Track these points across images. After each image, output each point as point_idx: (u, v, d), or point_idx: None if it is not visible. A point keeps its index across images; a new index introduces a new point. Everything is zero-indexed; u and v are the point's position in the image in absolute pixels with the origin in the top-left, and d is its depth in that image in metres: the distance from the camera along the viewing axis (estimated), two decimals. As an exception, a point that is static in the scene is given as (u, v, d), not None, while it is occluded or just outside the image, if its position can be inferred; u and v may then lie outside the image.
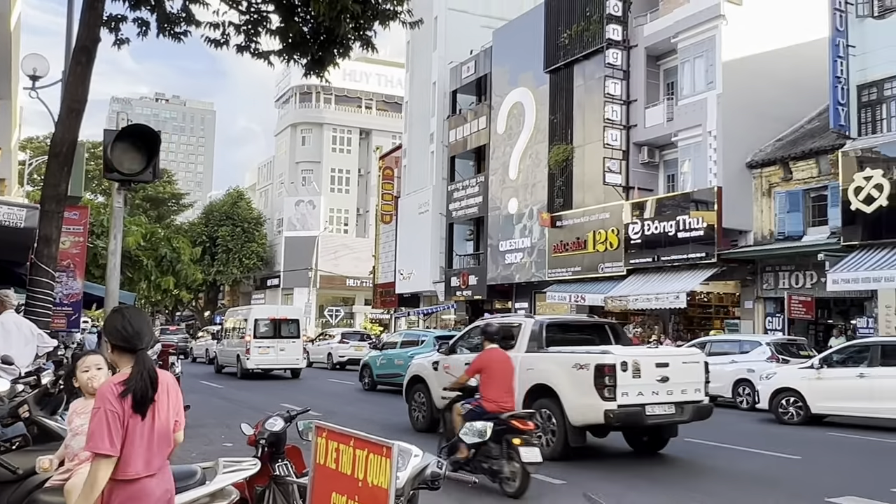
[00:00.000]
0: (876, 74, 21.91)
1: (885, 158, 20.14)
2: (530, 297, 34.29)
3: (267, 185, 76.91)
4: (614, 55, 29.06)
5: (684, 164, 27.12)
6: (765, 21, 25.97)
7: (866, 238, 20.35)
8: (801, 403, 15.47)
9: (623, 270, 27.95)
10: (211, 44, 10.93)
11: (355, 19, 10.31)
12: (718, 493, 8.85)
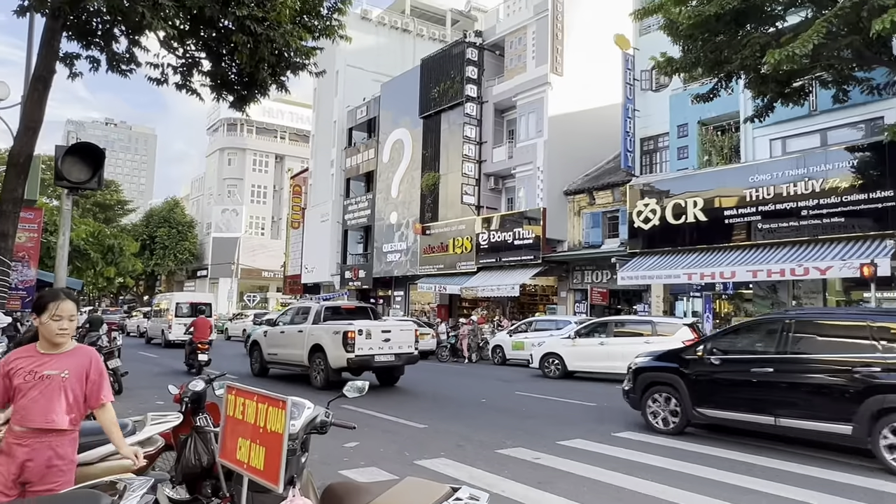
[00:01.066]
0: (652, 131, 23.51)
1: (657, 191, 21.44)
2: (405, 287, 34.53)
3: (199, 196, 73.65)
4: (471, 108, 29.81)
5: (520, 191, 28.07)
6: (579, 89, 27.37)
7: (644, 247, 21.45)
8: (561, 364, 16.61)
9: (474, 268, 28.64)
10: (152, 81, 10.57)
11: (272, 67, 10.22)
12: (481, 416, 9.40)
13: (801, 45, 10.67)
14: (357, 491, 2.78)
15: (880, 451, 6.72)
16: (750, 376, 8.00)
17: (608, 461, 7.05)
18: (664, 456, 7.36)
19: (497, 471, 6.55)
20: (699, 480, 6.30)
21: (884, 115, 16.73)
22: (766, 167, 18.67)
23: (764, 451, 7.68)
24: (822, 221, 17.21)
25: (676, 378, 8.77)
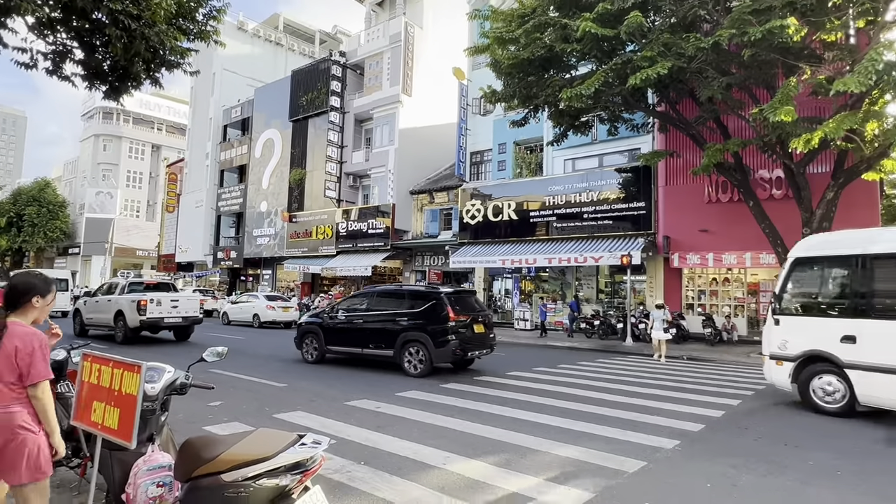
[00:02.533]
0: (480, 147, 24.49)
1: (482, 195, 22.42)
2: (273, 267, 32.95)
3: (72, 178, 64.00)
4: (334, 116, 28.99)
5: (374, 188, 27.91)
6: (425, 108, 27.74)
7: (471, 238, 22.33)
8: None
9: (334, 251, 28.04)
10: (20, 65, 8.97)
11: (147, 63, 9.12)
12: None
13: (585, 88, 11.70)
14: (213, 443, 2.64)
15: (403, 363, 10.13)
16: (352, 325, 11.02)
17: (436, 407, 7.30)
18: (480, 401, 7.78)
19: (345, 419, 6.52)
20: (499, 418, 6.75)
21: (641, 146, 18.88)
22: (561, 180, 20.29)
23: (548, 395, 8.41)
24: (597, 223, 19.08)
25: (318, 328, 11.46)
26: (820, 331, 7.56)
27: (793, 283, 8.01)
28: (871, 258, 7.19)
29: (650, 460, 5.13)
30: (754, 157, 15.34)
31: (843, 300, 7.52)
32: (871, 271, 7.17)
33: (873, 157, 11.82)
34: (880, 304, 7.09)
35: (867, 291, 7.17)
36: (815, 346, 7.52)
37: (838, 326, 7.35)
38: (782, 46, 10.70)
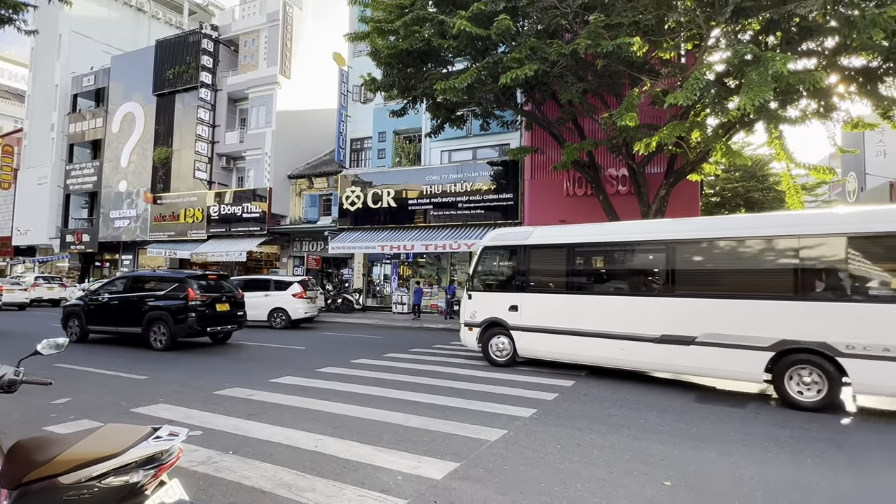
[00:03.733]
0: (360, 134, 24.06)
1: (362, 181, 22.12)
2: (134, 252, 29.74)
3: None
4: (205, 93, 26.72)
5: (250, 171, 26.29)
6: (304, 92, 26.62)
7: (351, 224, 21.91)
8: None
9: (205, 236, 26.02)
10: None
11: (-33, 16, 7.71)
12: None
13: (460, 83, 11.96)
14: (49, 443, 2.32)
15: (150, 339, 11.12)
16: (109, 306, 11.76)
17: (311, 391, 7.13)
18: (356, 383, 7.74)
19: (213, 409, 6.13)
20: (374, 399, 6.78)
21: (510, 142, 19.82)
22: (438, 170, 20.65)
23: (422, 375, 8.61)
24: (470, 212, 19.75)
25: (80, 310, 12.07)
26: (497, 303, 9.40)
27: (481, 266, 9.88)
28: (527, 248, 9.23)
29: (510, 428, 5.48)
30: (605, 156, 16.82)
31: (511, 279, 9.49)
32: (527, 258, 9.22)
33: (696, 161, 13.54)
34: (533, 282, 9.18)
35: (525, 273, 9.24)
36: (494, 314, 9.43)
37: (507, 299, 9.30)
38: (629, 60, 11.81)
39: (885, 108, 11.79)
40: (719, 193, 26.64)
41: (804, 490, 4.07)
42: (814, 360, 6.54)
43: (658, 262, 8.06)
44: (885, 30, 9.19)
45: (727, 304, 7.22)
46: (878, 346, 6.13)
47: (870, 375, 6.19)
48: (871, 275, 6.44)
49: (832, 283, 6.68)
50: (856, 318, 6.33)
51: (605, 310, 8.30)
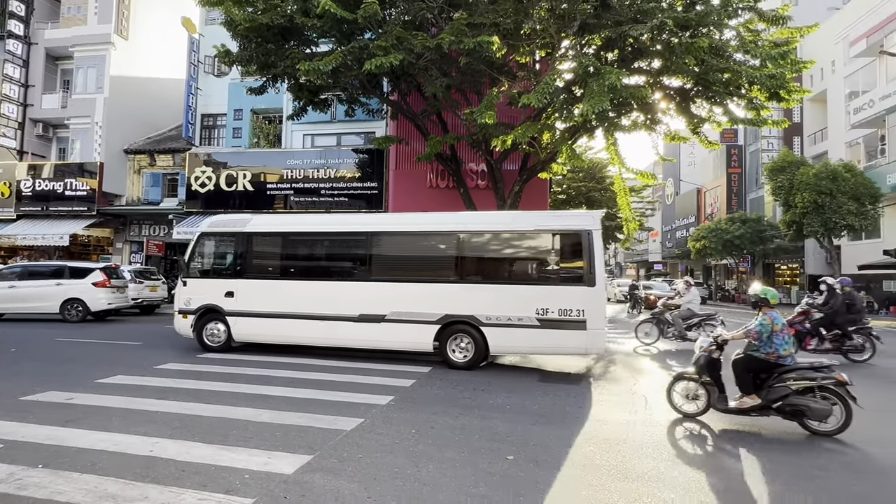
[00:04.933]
0: (213, 110, 22.14)
1: (214, 161, 20.37)
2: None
3: None
4: (15, 45, 22.45)
5: (76, 142, 22.76)
6: (146, 56, 23.72)
7: (201, 208, 20.16)
8: None
9: (13, 215, 22.00)
10: None
11: None
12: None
13: (324, 65, 11.56)
14: None
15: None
16: None
17: (147, 391, 6.44)
18: (199, 379, 7.15)
19: (20, 418, 5.24)
20: (219, 395, 6.34)
21: (376, 131, 19.69)
22: (300, 155, 19.80)
23: (277, 367, 8.24)
24: (334, 199, 19.27)
25: None
26: (213, 289, 9.46)
27: (198, 253, 9.84)
28: (245, 235, 9.47)
29: (366, 416, 5.48)
30: (466, 151, 17.48)
31: (228, 266, 9.70)
32: (244, 245, 9.47)
33: (546, 161, 14.68)
34: (249, 268, 9.40)
35: (242, 259, 9.45)
36: (210, 301, 9.44)
37: (224, 286, 9.41)
38: (489, 60, 12.37)
39: (695, 125, 13.81)
40: (565, 192, 29.20)
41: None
42: (466, 329, 8.26)
43: (357, 251, 9.13)
44: (696, 57, 10.75)
45: (408, 287, 8.65)
46: (505, 316, 8.09)
47: (500, 339, 8.13)
48: (497, 263, 8.64)
49: (475, 270, 8.57)
50: (491, 297, 8.23)
51: (315, 294, 8.93)
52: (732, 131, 32.89)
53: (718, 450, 4.86)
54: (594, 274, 7.92)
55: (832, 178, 20.68)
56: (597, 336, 7.87)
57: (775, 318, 5.41)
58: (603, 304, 8.15)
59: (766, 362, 5.41)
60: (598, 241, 8.04)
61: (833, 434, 5.18)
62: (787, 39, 12.50)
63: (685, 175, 45.96)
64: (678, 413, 5.80)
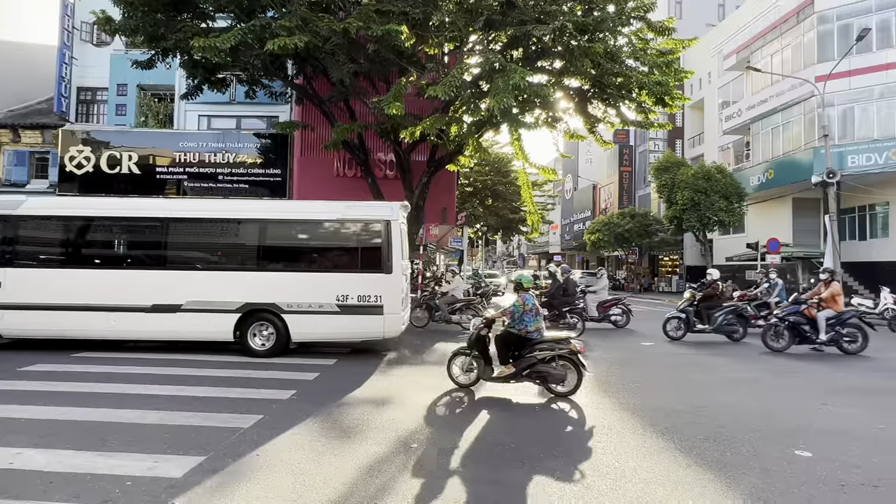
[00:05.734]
0: (91, 83, 19.92)
1: (94, 140, 18.35)
2: None
3: None
4: None
5: (-85, 111, 19.53)
6: (10, 20, 20.81)
7: (78, 191, 18.06)
8: None
9: None
10: None
11: None
12: None
13: (222, 42, 10.81)
14: None
15: None
16: None
17: (7, 396, 5.71)
18: (74, 381, 6.45)
19: None
20: (98, 396, 5.78)
21: (280, 115, 18.81)
22: (194, 137, 18.44)
23: (168, 364, 7.67)
24: (233, 186, 18.19)
25: None
26: None
27: None
28: (16, 218, 8.54)
29: (267, 413, 5.26)
30: (374, 140, 17.23)
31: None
32: (15, 229, 8.55)
33: (453, 153, 14.87)
34: (21, 255, 8.56)
35: (11, 245, 8.51)
36: None
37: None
38: (398, 49, 12.24)
39: (591, 125, 14.66)
40: (472, 184, 29.82)
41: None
42: (268, 317, 8.20)
43: (150, 238, 8.78)
44: (593, 61, 11.39)
45: (206, 276, 8.51)
46: (306, 304, 8.15)
47: (302, 326, 8.18)
48: (299, 251, 8.73)
49: (277, 258, 8.62)
50: (292, 284, 8.28)
51: (100, 283, 8.38)
52: (624, 132, 35.32)
53: (471, 411, 5.29)
54: (392, 262, 8.23)
55: (707, 179, 22.93)
56: (393, 320, 8.24)
57: (526, 299, 6.26)
58: (399, 291, 8.42)
59: (519, 337, 6.23)
60: (396, 230, 8.38)
61: (568, 394, 6.11)
62: (671, 50, 13.60)
63: (583, 172, 48.72)
64: (455, 384, 6.40)
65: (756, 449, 4.51)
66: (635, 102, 13.66)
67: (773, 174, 23.33)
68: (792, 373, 8.06)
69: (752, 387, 7.01)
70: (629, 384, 7.00)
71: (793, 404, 6.15)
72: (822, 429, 5.14)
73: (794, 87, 21.69)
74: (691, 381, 7.44)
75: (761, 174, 24.15)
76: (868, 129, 20.44)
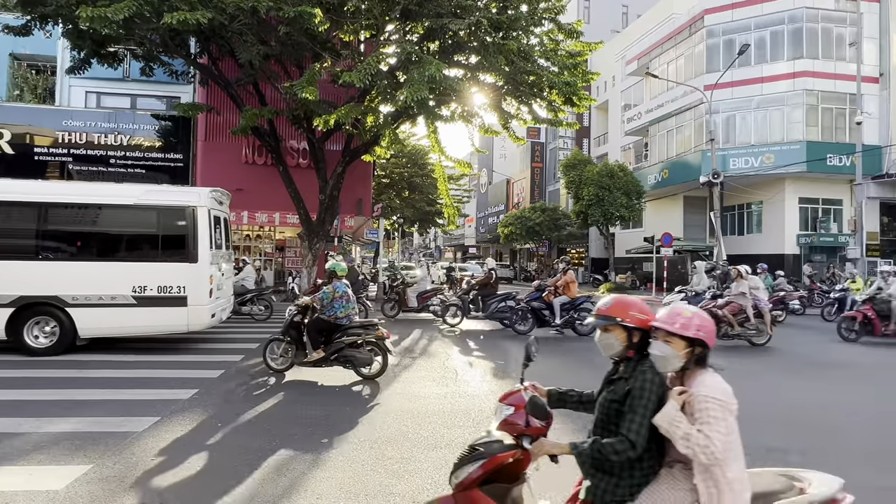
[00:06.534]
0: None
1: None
2: None
3: None
4: None
5: None
6: None
7: (-67, 171, 15.99)
8: None
9: None
10: None
11: None
12: None
13: (114, 13, 9.86)
14: None
15: None
16: None
17: None
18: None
19: None
20: (-33, 404, 5.11)
21: (181, 96, 17.52)
22: (81, 115, 16.74)
23: (50, 367, 6.93)
24: (127, 171, 16.75)
25: None
26: None
27: None
28: None
29: (164, 414, 4.91)
30: (286, 127, 16.57)
31: None
32: None
33: (369, 143, 14.65)
34: None
35: None
36: None
37: None
38: (311, 33, 11.81)
39: (505, 120, 15.05)
40: (389, 176, 29.60)
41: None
42: (50, 311, 7.41)
43: None
44: (506, 58, 11.67)
45: None
46: (96, 296, 7.48)
47: (91, 320, 7.48)
48: (90, 238, 7.85)
49: (63, 246, 7.76)
50: (80, 275, 7.53)
51: None
52: (536, 129, 36.68)
53: (271, 393, 5.51)
54: (197, 250, 7.76)
55: (610, 176, 24.40)
56: (199, 313, 7.76)
57: (337, 286, 6.50)
58: (206, 281, 7.84)
59: (329, 323, 6.45)
60: (203, 217, 7.88)
61: (375, 377, 6.44)
62: (580, 52, 14.27)
63: (497, 166, 50.01)
64: (270, 369, 6.60)
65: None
66: (546, 101, 14.20)
67: (668, 174, 25.30)
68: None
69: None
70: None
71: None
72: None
73: (686, 94, 23.60)
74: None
75: (657, 173, 26.10)
76: (747, 136, 22.73)
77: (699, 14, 23.51)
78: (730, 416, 1.83)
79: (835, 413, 5.58)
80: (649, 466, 1.96)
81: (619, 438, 1.89)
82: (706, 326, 1.94)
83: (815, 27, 21.73)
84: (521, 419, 2.05)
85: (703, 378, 1.91)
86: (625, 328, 2.03)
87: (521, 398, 2.10)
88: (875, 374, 7.73)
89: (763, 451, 4.03)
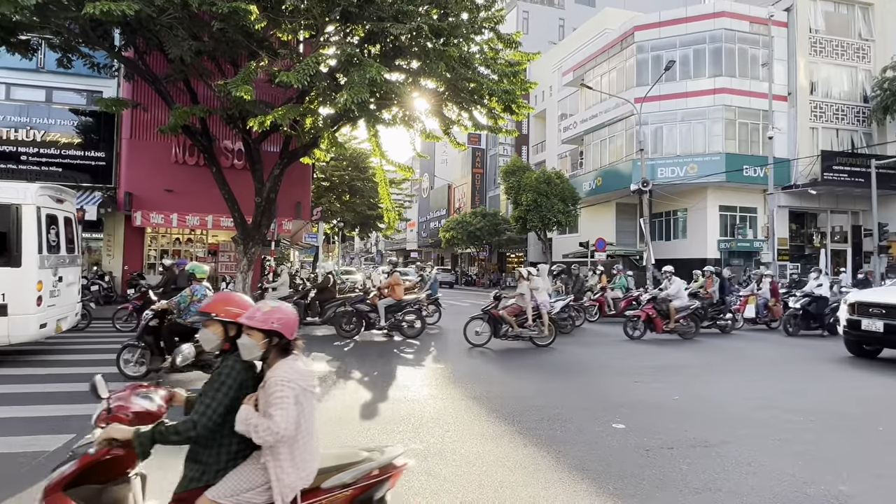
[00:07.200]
0: None
1: None
2: None
3: None
4: None
5: None
6: None
7: None
8: None
9: None
10: None
11: None
12: None
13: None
14: None
15: None
16: None
17: None
18: None
19: None
20: None
21: (104, 90, 16.45)
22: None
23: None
24: (41, 169, 15.54)
25: None
26: None
27: None
28: None
29: (82, 432, 4.56)
30: (220, 127, 15.92)
31: None
32: None
33: (308, 146, 14.33)
34: None
35: None
36: None
37: None
38: (247, 31, 11.42)
39: (446, 126, 15.16)
40: (329, 179, 29.10)
41: (373, 431, 4.85)
42: None
43: None
44: (447, 64, 11.77)
45: None
46: None
47: None
48: None
49: None
50: None
51: None
52: (477, 135, 37.23)
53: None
54: (21, 253, 7.10)
55: (548, 183, 25.14)
56: (23, 323, 7.06)
57: (195, 290, 6.44)
58: (32, 288, 7.21)
59: (184, 327, 6.30)
60: (30, 217, 7.23)
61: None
62: (518, 61, 14.61)
63: (439, 171, 50.30)
64: (123, 376, 6.24)
65: (581, 426, 5.06)
66: (486, 108, 14.43)
67: (602, 181, 26.38)
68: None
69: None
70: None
71: (615, 383, 7.02)
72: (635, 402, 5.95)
73: (618, 106, 24.72)
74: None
75: (592, 181, 27.16)
76: (673, 147, 24.10)
77: (630, 30, 24.74)
78: (302, 395, 2.07)
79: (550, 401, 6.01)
80: (237, 451, 2.13)
81: (184, 420, 2.05)
82: (284, 319, 2.17)
83: (732, 47, 23.39)
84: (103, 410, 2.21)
85: (280, 364, 2.13)
86: (221, 323, 2.24)
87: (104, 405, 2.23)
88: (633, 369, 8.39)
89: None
